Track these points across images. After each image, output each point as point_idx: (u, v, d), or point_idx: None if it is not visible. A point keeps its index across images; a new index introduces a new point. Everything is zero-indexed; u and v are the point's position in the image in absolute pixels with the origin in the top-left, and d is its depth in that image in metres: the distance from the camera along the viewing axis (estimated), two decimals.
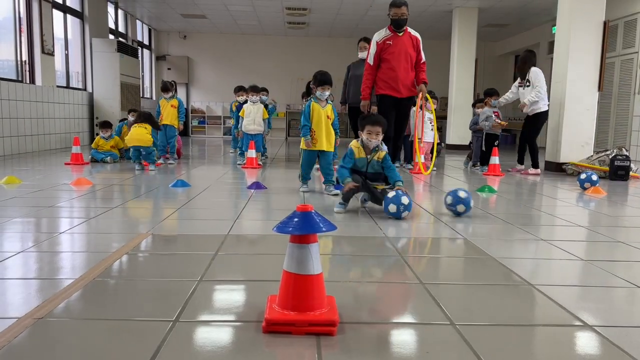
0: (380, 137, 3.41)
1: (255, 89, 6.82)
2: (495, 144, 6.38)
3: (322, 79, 4.18)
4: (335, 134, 4.43)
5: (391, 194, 3.24)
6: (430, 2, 10.25)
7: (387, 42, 5.39)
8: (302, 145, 4.27)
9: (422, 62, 5.75)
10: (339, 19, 11.99)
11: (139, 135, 5.81)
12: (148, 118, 6.14)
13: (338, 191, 4.00)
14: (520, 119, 8.98)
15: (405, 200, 3.19)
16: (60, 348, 1.37)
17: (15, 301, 1.73)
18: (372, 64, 5.60)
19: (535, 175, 6.13)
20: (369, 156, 3.44)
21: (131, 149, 5.93)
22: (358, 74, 6.53)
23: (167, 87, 6.87)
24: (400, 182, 3.40)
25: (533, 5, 10.26)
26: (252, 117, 6.65)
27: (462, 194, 3.33)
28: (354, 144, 3.50)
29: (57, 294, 1.74)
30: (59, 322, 1.54)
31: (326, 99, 4.24)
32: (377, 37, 5.41)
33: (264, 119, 6.78)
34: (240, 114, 6.83)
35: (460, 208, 3.33)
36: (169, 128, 6.74)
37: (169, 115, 6.74)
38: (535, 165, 6.28)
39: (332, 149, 4.34)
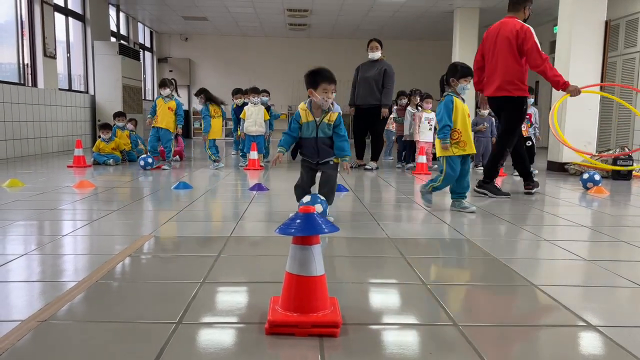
0: (333, 96, 2.97)
1: (255, 91, 6.83)
2: (528, 144, 6.28)
3: (466, 70, 3.57)
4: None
5: (306, 198, 2.90)
6: (431, 3, 10.26)
7: None
8: (445, 151, 3.52)
9: None
10: (340, 20, 11.99)
11: (220, 129, 6.67)
12: (211, 98, 6.57)
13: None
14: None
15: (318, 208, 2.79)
16: (63, 351, 1.37)
17: (19, 304, 1.74)
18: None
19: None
20: (317, 119, 3.01)
21: (210, 142, 6.44)
22: (367, 76, 6.48)
23: (164, 83, 6.35)
24: (347, 159, 3.01)
25: (534, 5, 10.11)
26: (254, 118, 6.66)
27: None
28: (301, 106, 3.05)
29: (60, 297, 1.74)
30: (62, 324, 1.54)
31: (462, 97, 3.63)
32: (533, 30, 4.44)
33: (265, 120, 6.78)
34: (241, 115, 6.83)
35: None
36: (163, 132, 6.29)
37: (164, 118, 6.26)
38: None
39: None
